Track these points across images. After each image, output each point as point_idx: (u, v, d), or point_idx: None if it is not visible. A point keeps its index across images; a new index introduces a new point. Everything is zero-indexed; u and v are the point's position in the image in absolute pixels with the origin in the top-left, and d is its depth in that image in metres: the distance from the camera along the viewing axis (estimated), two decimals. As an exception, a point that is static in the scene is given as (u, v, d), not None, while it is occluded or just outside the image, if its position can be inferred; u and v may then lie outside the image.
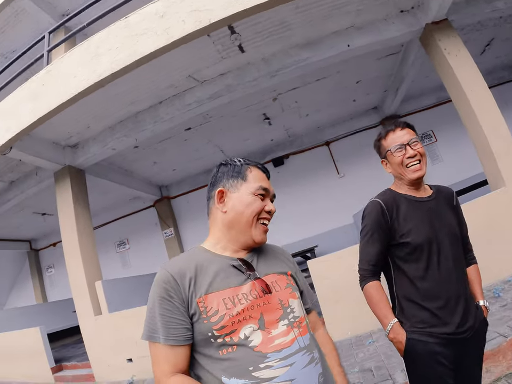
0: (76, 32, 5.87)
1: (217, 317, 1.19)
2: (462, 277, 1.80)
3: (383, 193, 1.95)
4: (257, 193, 1.38)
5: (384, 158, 1.97)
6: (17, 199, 7.82)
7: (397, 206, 1.85)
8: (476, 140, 5.28)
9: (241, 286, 1.28)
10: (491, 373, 2.95)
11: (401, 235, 1.80)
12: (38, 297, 12.26)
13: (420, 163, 1.84)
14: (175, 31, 4.33)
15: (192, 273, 1.26)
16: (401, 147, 1.85)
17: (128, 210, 11.24)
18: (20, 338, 7.08)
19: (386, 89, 8.38)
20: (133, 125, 6.24)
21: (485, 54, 8.14)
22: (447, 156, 9.24)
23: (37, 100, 5.19)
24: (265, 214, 1.41)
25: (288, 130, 9.28)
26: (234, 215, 1.37)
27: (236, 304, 1.22)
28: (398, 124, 1.92)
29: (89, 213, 6.89)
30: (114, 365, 5.82)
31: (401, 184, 1.93)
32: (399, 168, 1.87)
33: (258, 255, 1.43)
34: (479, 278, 1.95)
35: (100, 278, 6.42)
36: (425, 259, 1.76)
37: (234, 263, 1.33)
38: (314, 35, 5.45)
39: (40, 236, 12.49)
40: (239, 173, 1.41)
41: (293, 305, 1.33)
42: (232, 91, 5.75)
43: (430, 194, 1.90)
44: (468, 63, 5.25)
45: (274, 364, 1.17)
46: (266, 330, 1.22)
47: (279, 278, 1.38)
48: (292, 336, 1.25)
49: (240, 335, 1.19)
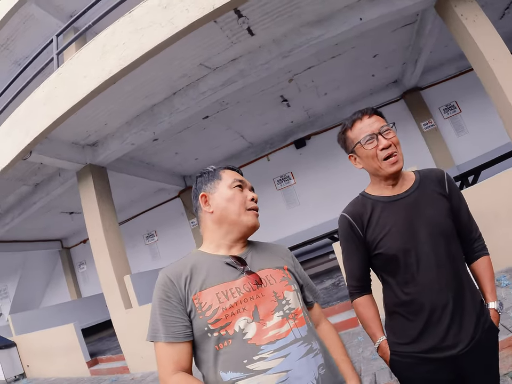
0: (82, 32, 5.90)
1: (211, 311, 1.25)
2: (454, 280, 1.53)
3: (353, 203, 1.76)
4: (233, 185, 1.48)
5: (352, 153, 1.70)
6: (43, 201, 7.97)
7: (368, 214, 1.66)
8: (501, 109, 5.04)
9: (235, 280, 1.33)
10: None
11: (374, 246, 1.62)
12: (73, 294, 12.62)
13: (396, 154, 1.59)
14: (179, 21, 4.28)
15: (188, 273, 1.34)
16: (372, 137, 1.59)
17: (154, 203, 11.36)
18: (55, 335, 7.31)
19: (405, 62, 8.12)
20: (149, 118, 6.23)
21: (504, 18, 7.71)
22: (472, 127, 8.91)
23: (51, 103, 5.26)
24: (250, 202, 1.48)
25: (308, 111, 9.14)
26: (221, 211, 1.45)
27: (228, 298, 1.27)
28: (365, 111, 1.65)
29: (114, 209, 6.97)
30: (147, 356, 5.90)
31: (377, 181, 1.70)
32: (373, 162, 1.62)
33: (253, 252, 1.49)
34: (489, 273, 1.64)
35: (128, 272, 6.52)
36: (402, 270, 1.57)
37: (228, 260, 1.39)
38: (325, 11, 5.25)
39: (70, 234, 12.80)
40: (214, 176, 1.53)
41: (288, 297, 1.36)
42: (246, 76, 5.66)
43: (409, 187, 1.66)
44: (487, 29, 4.98)
45: (268, 355, 1.20)
46: (261, 322, 1.25)
47: (275, 272, 1.42)
48: (287, 328, 1.27)
49: (235, 328, 1.23)
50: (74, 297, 12.49)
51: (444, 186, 1.66)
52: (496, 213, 4.53)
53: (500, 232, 4.45)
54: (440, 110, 9.20)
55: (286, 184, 10.11)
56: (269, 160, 10.23)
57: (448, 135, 9.05)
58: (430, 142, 9.02)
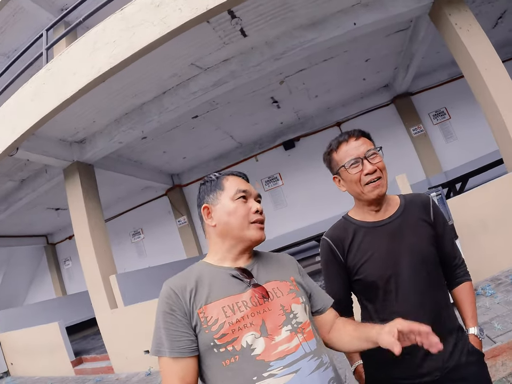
0: (72, 28, 5.81)
1: (217, 325, 1.20)
2: (432, 308, 1.52)
3: (335, 226, 1.73)
4: (236, 197, 1.39)
5: (337, 174, 1.67)
6: (29, 197, 7.88)
7: (350, 239, 1.63)
8: (490, 118, 5.09)
9: (241, 294, 1.28)
10: (506, 366, 2.84)
11: (355, 272, 1.60)
12: (57, 291, 12.49)
13: (380, 179, 1.56)
14: (172, 20, 4.23)
15: (193, 285, 1.29)
16: (357, 161, 1.56)
17: (141, 200, 11.28)
18: (39, 333, 7.24)
19: (396, 67, 8.17)
20: (138, 117, 6.17)
21: (497, 27, 7.82)
22: (461, 133, 8.99)
23: (39, 99, 5.17)
24: (254, 215, 1.40)
25: (298, 113, 9.15)
26: (223, 225, 1.38)
27: (235, 312, 1.22)
28: (352, 133, 1.61)
29: (101, 207, 6.90)
30: (132, 357, 5.88)
31: (361, 205, 1.67)
32: (356, 187, 1.58)
33: (259, 263, 1.44)
34: (470, 299, 1.64)
35: (114, 271, 6.46)
36: (381, 297, 1.55)
37: (233, 272, 1.34)
38: (319, 14, 5.24)
39: (56, 230, 12.65)
40: (216, 186, 1.45)
41: (295, 310, 1.31)
42: (237, 77, 5.63)
43: (392, 214, 1.63)
44: (480, 38, 5.03)
45: (278, 371, 1.15)
46: (269, 337, 1.21)
47: (281, 284, 1.37)
48: (296, 342, 1.23)
49: (242, 343, 1.19)
50: (59, 294, 12.35)
51: (429, 213, 1.64)
52: (483, 222, 4.58)
53: (486, 241, 4.51)
54: (429, 115, 9.28)
55: (274, 185, 10.12)
56: (258, 161, 10.21)
57: (437, 140, 9.14)
58: (418, 147, 9.09)
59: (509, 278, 4.15)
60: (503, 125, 4.77)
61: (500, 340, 2.96)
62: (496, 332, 3.11)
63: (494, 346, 2.91)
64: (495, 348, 2.90)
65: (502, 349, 2.88)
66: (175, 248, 10.58)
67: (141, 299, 5.90)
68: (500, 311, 3.51)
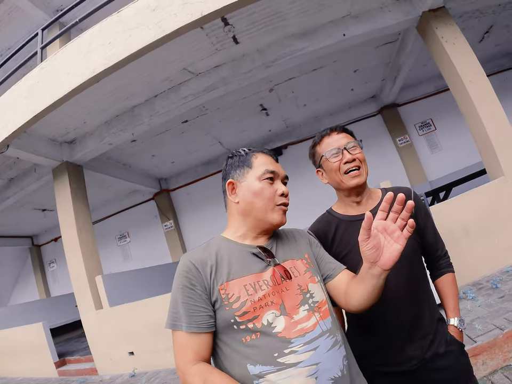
0: (68, 28, 5.83)
1: (239, 303, 1.21)
2: (414, 300, 1.57)
3: (319, 220, 1.78)
4: (263, 177, 1.38)
5: (319, 167, 1.74)
6: (17, 196, 7.82)
7: (332, 232, 1.68)
8: (474, 129, 5.23)
9: (262, 272, 1.29)
10: (487, 365, 2.92)
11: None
12: (41, 293, 12.33)
13: (359, 169, 1.62)
14: (167, 25, 4.29)
15: (213, 261, 1.29)
16: (338, 151, 1.63)
17: (128, 204, 11.24)
18: (23, 334, 7.15)
19: (384, 78, 8.31)
20: (129, 119, 6.21)
21: (484, 41, 8.03)
22: (446, 144, 9.16)
23: (32, 97, 5.17)
24: (280, 197, 1.40)
25: (286, 121, 9.22)
26: (247, 204, 1.39)
27: (257, 290, 1.24)
28: (334, 128, 1.71)
29: (88, 208, 6.89)
30: (116, 358, 5.87)
31: (342, 197, 1.73)
32: (336, 175, 1.65)
33: (277, 242, 1.44)
34: (452, 290, 1.67)
35: (100, 272, 6.44)
36: None
37: (254, 250, 1.35)
38: (310, 24, 5.37)
39: (42, 232, 12.52)
40: (244, 162, 1.43)
41: (312, 289, 1.33)
42: (228, 83, 5.70)
43: (374, 207, 1.65)
44: (466, 52, 5.18)
45: (298, 348, 1.18)
46: (288, 316, 1.23)
47: (298, 263, 1.39)
48: (314, 321, 1.25)
49: (263, 321, 1.21)
50: (43, 296, 12.18)
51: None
52: (465, 229, 4.70)
53: (468, 247, 4.63)
54: (415, 126, 9.42)
55: (261, 191, 10.09)
56: (246, 168, 10.20)
57: (422, 151, 9.28)
58: (404, 157, 9.22)
59: (489, 283, 4.26)
60: (486, 135, 4.91)
61: (481, 340, 3.03)
62: (477, 332, 3.19)
63: (475, 345, 2.98)
64: (475, 347, 2.96)
65: (483, 348, 2.96)
66: (161, 252, 10.54)
67: (126, 300, 5.89)
68: (480, 313, 3.60)
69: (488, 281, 4.37)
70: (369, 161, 1.71)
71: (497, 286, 4.09)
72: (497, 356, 2.95)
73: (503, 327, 3.12)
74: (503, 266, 4.61)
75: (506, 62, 9.35)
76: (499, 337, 3.01)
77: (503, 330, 3.06)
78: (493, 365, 2.92)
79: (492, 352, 2.96)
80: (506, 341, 3.00)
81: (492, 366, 2.91)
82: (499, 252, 4.62)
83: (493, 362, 2.93)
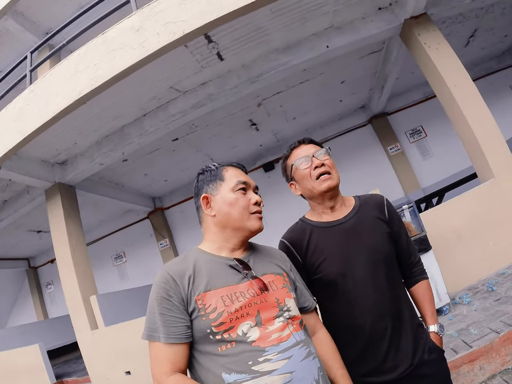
0: (56, 50, 5.90)
1: (215, 313, 1.22)
2: (392, 305, 1.56)
3: (292, 228, 1.79)
4: (237, 188, 1.42)
5: (292, 180, 1.77)
6: (11, 218, 7.83)
7: (306, 240, 1.67)
8: (461, 133, 5.28)
9: (239, 284, 1.31)
10: (485, 370, 2.86)
11: (313, 271, 1.64)
12: (39, 315, 12.23)
13: (330, 174, 1.64)
14: (150, 44, 4.37)
15: (191, 272, 1.31)
16: (306, 159, 1.66)
17: (123, 224, 11.23)
18: (19, 356, 7.10)
19: (371, 88, 8.39)
20: (119, 139, 6.25)
21: (469, 45, 8.14)
22: (438, 150, 9.22)
23: (22, 119, 5.23)
24: (254, 206, 1.44)
25: (276, 135, 9.27)
26: (223, 215, 1.41)
27: (233, 302, 1.25)
28: (302, 140, 1.75)
29: (82, 229, 6.89)
30: (113, 378, 5.81)
31: (315, 206, 1.74)
32: (307, 182, 1.66)
33: (254, 255, 1.47)
34: (428, 297, 1.69)
35: (95, 292, 6.41)
36: (340, 295, 1.59)
37: (231, 262, 1.37)
38: (293, 38, 5.46)
39: (38, 253, 12.47)
40: (216, 176, 1.47)
41: (289, 304, 1.35)
42: (214, 100, 5.77)
43: (347, 213, 1.68)
44: (449, 56, 5.25)
45: (273, 357, 1.19)
46: (263, 327, 1.25)
47: (276, 278, 1.41)
48: (288, 331, 1.28)
49: (238, 332, 1.22)
50: (40, 318, 12.07)
51: (383, 211, 1.69)
52: (458, 234, 4.70)
53: (462, 251, 4.64)
54: (406, 134, 9.49)
55: (255, 207, 10.10)
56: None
57: (414, 158, 9.33)
58: (396, 165, 9.25)
59: (485, 286, 4.25)
60: (474, 138, 4.95)
61: (477, 345, 2.99)
62: (473, 337, 3.15)
63: (471, 351, 2.93)
64: (471, 352, 2.92)
65: (479, 353, 2.91)
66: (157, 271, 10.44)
67: (122, 320, 5.87)
68: (476, 317, 3.57)
69: (483, 284, 4.35)
70: (362, 171, 1.75)
71: (493, 289, 4.08)
72: (495, 360, 2.90)
73: (499, 330, 3.07)
74: (499, 268, 4.59)
75: (493, 64, 9.48)
76: (495, 341, 2.96)
77: (500, 334, 3.01)
78: (490, 370, 2.86)
79: (489, 357, 2.91)
80: (504, 344, 2.94)
81: (490, 370, 2.86)
82: (494, 254, 4.62)
83: (490, 367, 2.87)
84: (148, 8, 4.52)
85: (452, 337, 3.32)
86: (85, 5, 6.52)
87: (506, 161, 4.86)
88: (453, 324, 3.67)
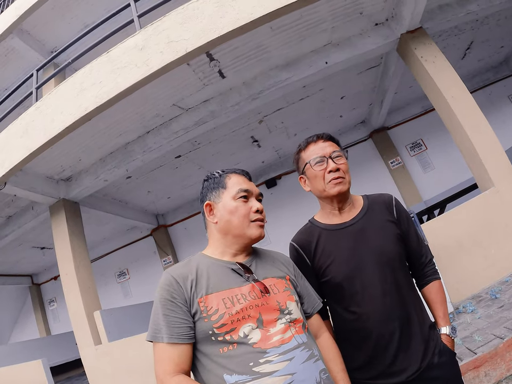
0: (61, 69, 6.02)
1: (217, 315, 1.26)
2: (400, 308, 1.54)
3: (301, 231, 1.78)
4: (237, 196, 1.45)
5: (303, 174, 1.71)
6: (15, 234, 7.87)
7: (316, 242, 1.66)
8: (460, 144, 5.32)
9: (240, 287, 1.34)
10: (490, 376, 2.81)
11: (321, 274, 1.64)
12: (42, 332, 12.14)
13: (343, 179, 1.60)
14: (154, 63, 4.47)
15: (194, 275, 1.35)
16: (322, 160, 1.61)
17: (126, 241, 11.24)
18: (22, 371, 7.01)
19: (371, 103, 8.48)
20: (122, 156, 6.33)
21: (466, 58, 8.26)
22: (438, 163, 9.28)
23: (28, 135, 5.31)
24: (254, 214, 1.46)
25: (278, 151, 9.34)
26: (225, 223, 1.45)
27: (234, 304, 1.29)
28: (320, 136, 1.68)
29: (86, 245, 6.91)
30: (116, 394, 5.78)
31: (325, 206, 1.72)
32: (319, 184, 1.63)
33: (257, 260, 1.50)
34: (440, 298, 1.65)
35: (98, 307, 6.39)
36: (348, 298, 1.58)
37: (233, 266, 1.41)
38: (293, 55, 5.56)
39: (41, 270, 12.44)
40: (219, 183, 1.50)
41: (290, 307, 1.38)
42: (216, 117, 5.85)
43: (356, 215, 1.66)
44: (446, 69, 5.32)
45: (273, 358, 1.22)
46: (264, 329, 1.27)
47: (278, 281, 1.44)
48: (290, 334, 1.30)
49: (240, 334, 1.25)
50: (43, 335, 11.97)
51: (392, 211, 1.68)
52: (460, 243, 4.69)
53: (465, 261, 4.63)
54: (406, 148, 9.55)
55: (258, 223, 10.08)
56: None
57: (415, 171, 9.38)
58: (397, 179, 9.31)
59: (488, 294, 4.24)
60: (472, 148, 4.98)
61: (481, 351, 2.95)
62: (477, 344, 3.12)
63: (475, 357, 2.90)
64: (476, 358, 2.89)
65: (484, 359, 2.88)
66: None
67: (125, 335, 5.86)
68: (480, 325, 3.56)
69: (487, 293, 4.33)
70: (363, 186, 1.76)
71: (496, 296, 4.07)
72: (500, 366, 2.85)
73: (503, 336, 3.04)
74: (502, 276, 4.56)
75: (490, 75, 9.57)
76: (500, 347, 2.93)
77: (504, 339, 2.98)
78: (496, 376, 2.81)
79: (494, 362, 2.86)
80: (508, 349, 2.91)
81: (495, 376, 2.81)
82: (497, 262, 4.60)
83: (495, 373, 2.82)
84: (151, 27, 4.63)
85: (456, 344, 3.28)
86: (90, 24, 6.67)
87: (505, 169, 4.90)
88: (457, 332, 3.68)
